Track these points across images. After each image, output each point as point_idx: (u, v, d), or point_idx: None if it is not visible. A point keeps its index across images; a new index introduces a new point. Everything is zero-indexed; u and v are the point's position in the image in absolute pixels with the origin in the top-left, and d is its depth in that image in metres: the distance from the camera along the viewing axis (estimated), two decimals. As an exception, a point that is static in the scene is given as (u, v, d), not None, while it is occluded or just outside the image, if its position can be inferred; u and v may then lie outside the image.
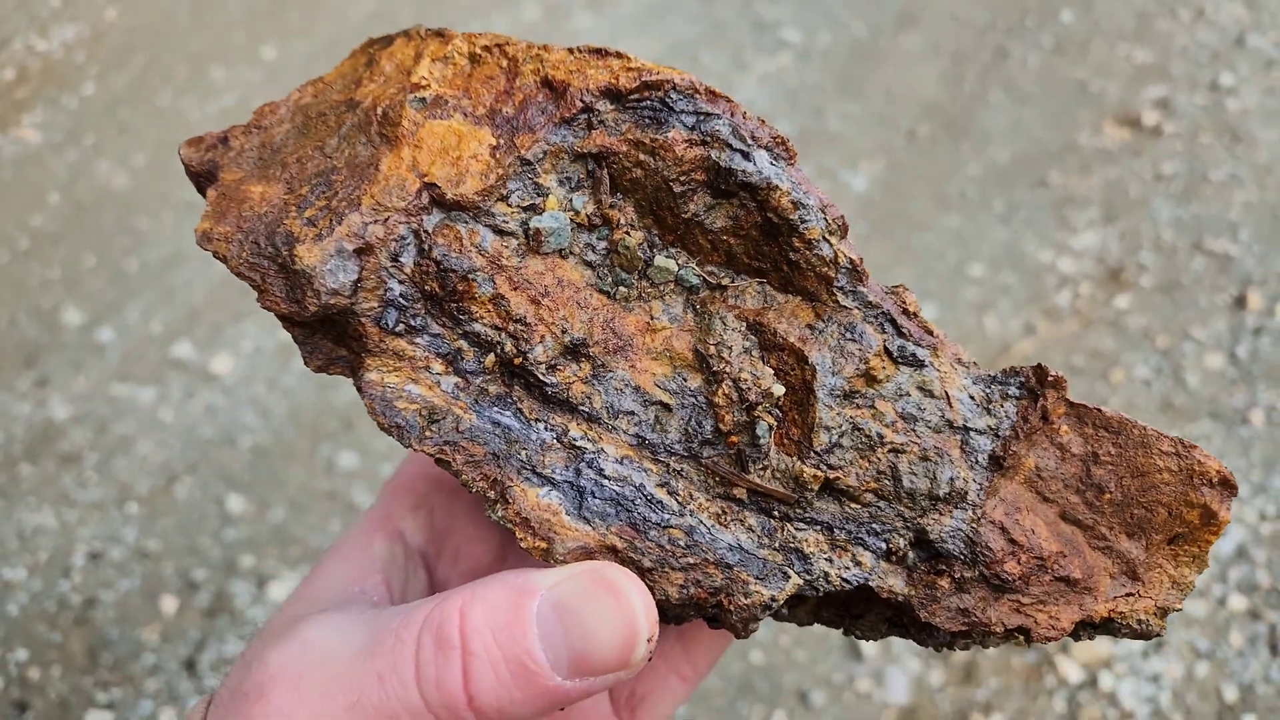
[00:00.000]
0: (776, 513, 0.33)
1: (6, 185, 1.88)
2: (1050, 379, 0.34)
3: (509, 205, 0.32)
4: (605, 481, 0.32)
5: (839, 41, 2.14)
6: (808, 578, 0.32)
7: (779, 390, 0.33)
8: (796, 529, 0.33)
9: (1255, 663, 1.20)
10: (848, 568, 0.33)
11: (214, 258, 0.31)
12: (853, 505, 0.33)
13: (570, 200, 0.33)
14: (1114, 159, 1.83)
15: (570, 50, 0.33)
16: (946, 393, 0.34)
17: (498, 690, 0.29)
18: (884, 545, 0.33)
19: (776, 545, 0.33)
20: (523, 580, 0.30)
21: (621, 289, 0.34)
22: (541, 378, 0.32)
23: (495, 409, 0.32)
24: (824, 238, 0.33)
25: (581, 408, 0.32)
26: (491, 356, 0.32)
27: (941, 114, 1.98)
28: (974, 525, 0.33)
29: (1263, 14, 2.03)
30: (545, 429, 0.32)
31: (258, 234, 0.31)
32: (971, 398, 0.34)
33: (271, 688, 0.31)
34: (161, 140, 1.95)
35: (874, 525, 0.33)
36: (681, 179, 0.33)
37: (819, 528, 0.33)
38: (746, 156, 0.33)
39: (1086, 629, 0.36)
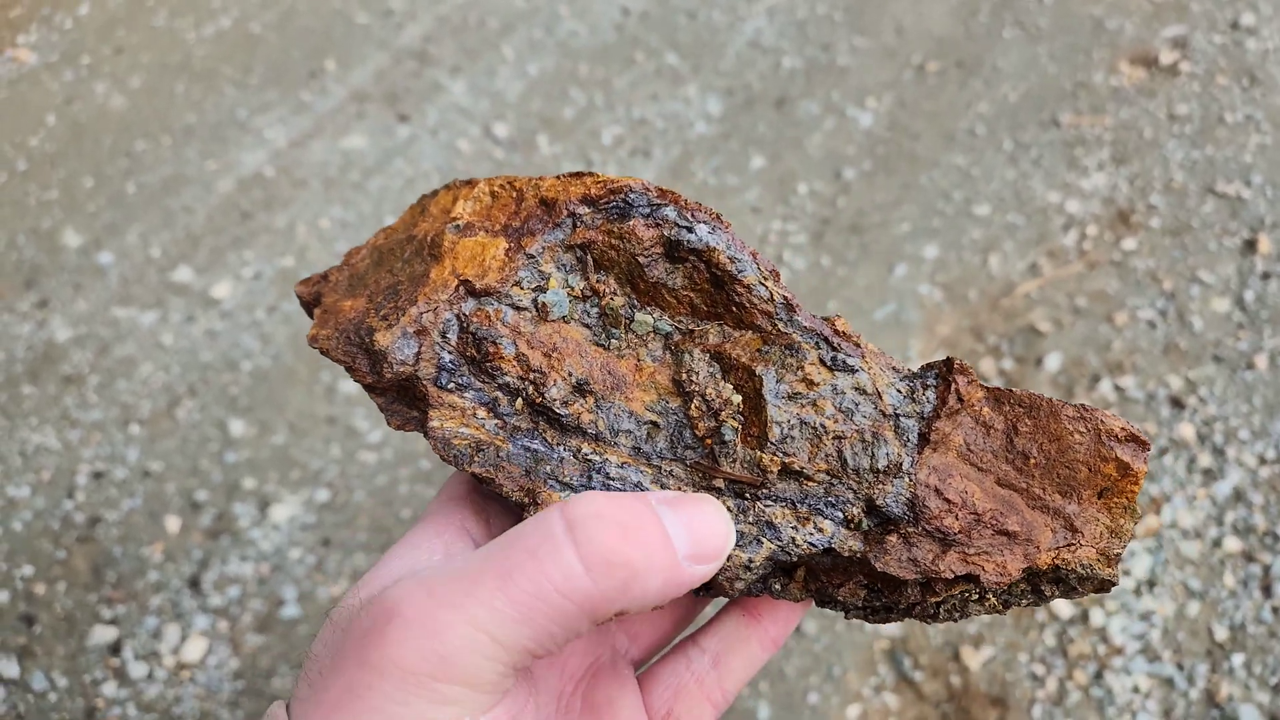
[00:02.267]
0: (748, 495, 0.42)
1: (3, 106, 1.85)
2: (957, 366, 0.43)
3: (522, 288, 0.43)
4: (611, 483, 0.41)
5: (852, -26, 2.08)
6: (778, 543, 0.41)
7: (737, 399, 0.42)
8: (765, 506, 0.41)
9: (1248, 603, 1.21)
10: (811, 534, 0.41)
11: (320, 352, 0.44)
12: (809, 484, 0.42)
13: (567, 279, 0.44)
14: (1128, 99, 1.80)
15: (558, 177, 0.45)
16: (877, 389, 0.42)
17: (644, 557, 0.32)
18: (840, 514, 0.42)
19: (751, 520, 0.41)
20: (628, 494, 0.35)
21: (613, 341, 0.44)
22: (557, 412, 0.42)
23: (526, 439, 0.42)
24: (760, 283, 0.43)
25: (589, 431, 0.42)
26: (520, 400, 0.42)
27: (952, 50, 1.94)
28: (911, 490, 0.42)
29: (1289, -48, 1.97)
30: (564, 449, 0.42)
31: (349, 331, 0.43)
32: (898, 391, 0.43)
33: (399, 607, 0.31)
34: (158, 62, 1.92)
35: (829, 499, 0.42)
36: (645, 253, 0.43)
37: (784, 504, 0.42)
38: (690, 230, 0.43)
39: (1043, 582, 0.43)
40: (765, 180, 1.74)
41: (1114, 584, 0.42)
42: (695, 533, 0.34)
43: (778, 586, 0.45)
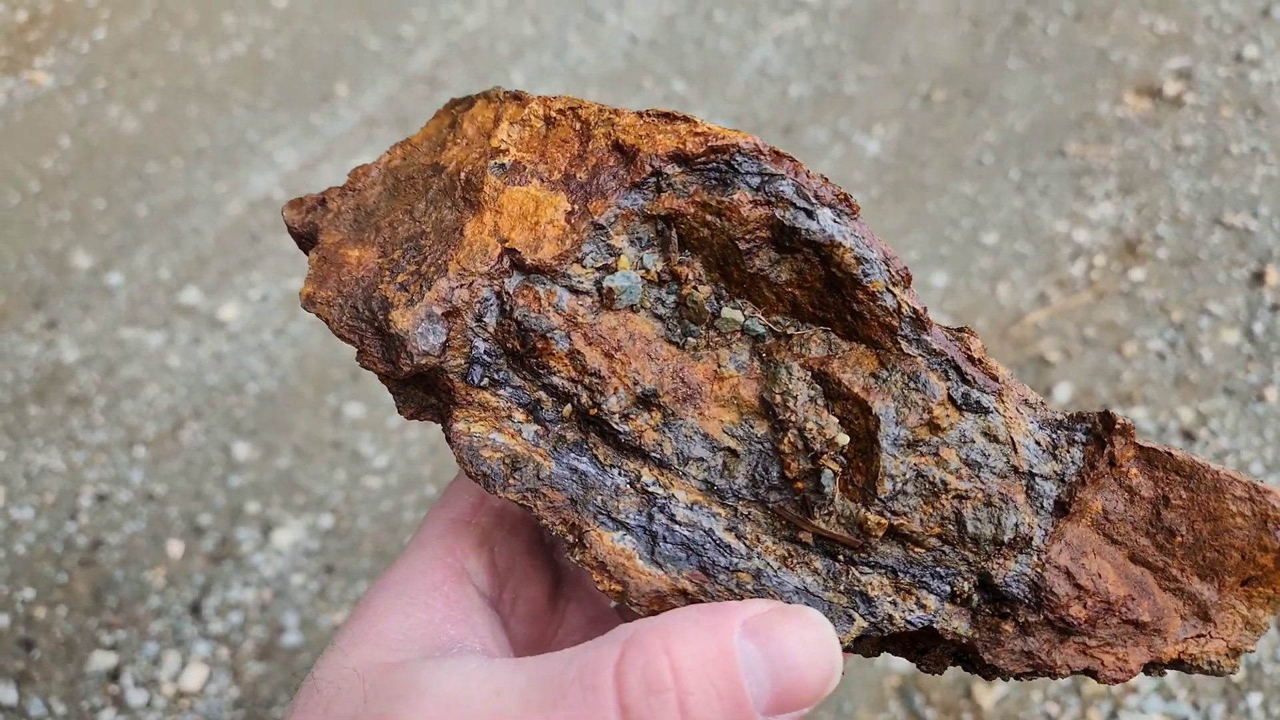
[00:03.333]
0: (841, 556, 0.34)
1: (18, 127, 1.86)
2: (1118, 426, 0.35)
3: (584, 267, 0.34)
4: (676, 526, 0.33)
5: (857, 2, 2.10)
6: (872, 620, 0.34)
7: (844, 440, 0.34)
8: (861, 573, 0.34)
9: (1263, 642, 1.19)
10: (912, 610, 0.34)
11: (318, 318, 0.34)
12: (917, 550, 0.34)
13: (641, 259, 0.35)
14: (1133, 129, 1.81)
15: (640, 114, 0.35)
16: (1012, 438, 0.35)
17: None
18: (948, 588, 0.34)
19: (842, 588, 0.34)
20: (712, 613, 0.29)
21: (690, 339, 0.35)
22: (615, 427, 0.34)
23: (573, 455, 0.34)
24: (887, 289, 0.34)
25: (653, 454, 0.34)
26: (569, 407, 0.34)
27: (959, 79, 1.95)
28: (1039, 570, 0.34)
29: (1293, -14, 1.99)
30: (619, 474, 0.34)
31: (355, 299, 0.34)
32: (1037, 443, 0.35)
33: None
34: (171, 85, 1.93)
35: (938, 569, 0.34)
36: (747, 237, 0.34)
37: (883, 571, 0.34)
38: (810, 215, 0.34)
39: (1155, 668, 0.36)
40: (773, 207, 1.74)
41: (1230, 674, 0.36)
42: (783, 676, 0.28)
43: (850, 645, 0.36)
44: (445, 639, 0.33)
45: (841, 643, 0.32)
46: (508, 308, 0.33)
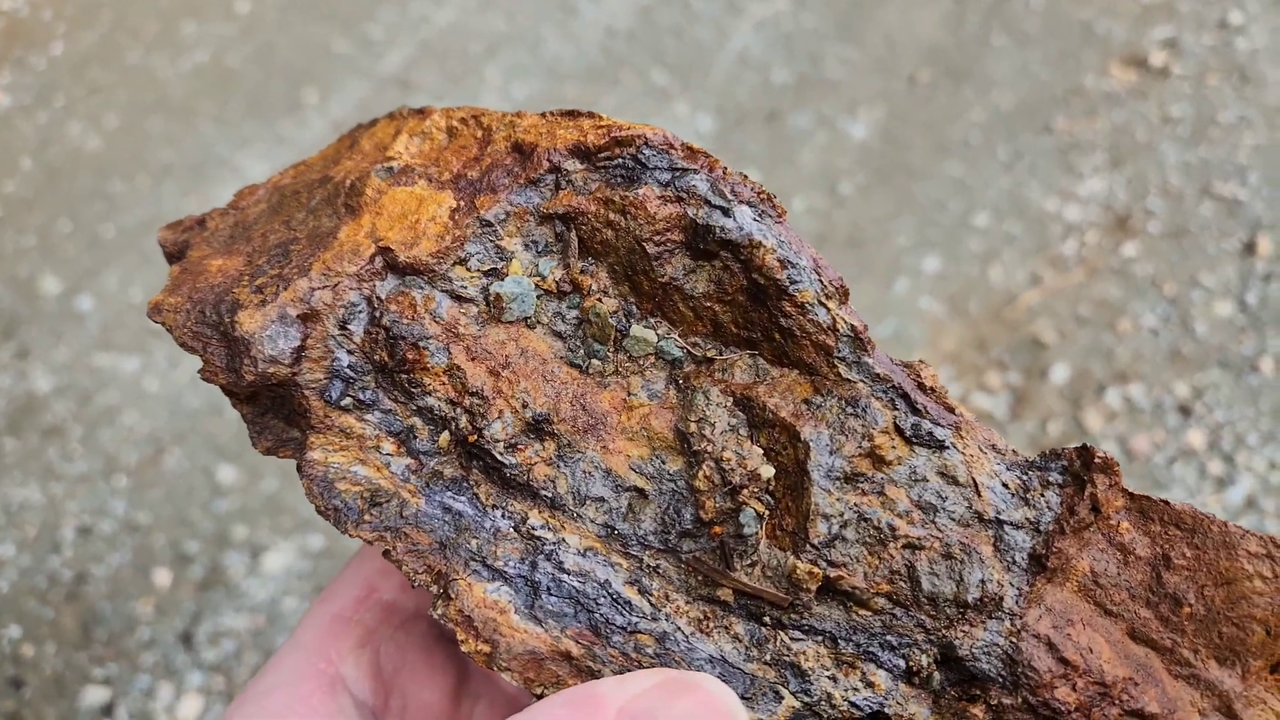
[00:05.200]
0: (768, 619, 0.29)
1: (-25, 150, 1.81)
2: (1098, 461, 0.30)
3: (468, 270, 0.30)
4: (564, 576, 0.28)
5: (835, -15, 2.07)
6: (806, 699, 0.28)
7: (768, 472, 0.29)
8: (792, 639, 0.29)
9: None
10: (856, 689, 0.28)
11: (164, 329, 0.29)
12: (862, 612, 0.29)
13: (536, 265, 0.31)
14: (1120, 102, 1.78)
15: (543, 114, 0.31)
16: (973, 479, 0.29)
17: None
18: (902, 663, 0.29)
19: (768, 658, 0.28)
20: (578, 704, 0.24)
21: (595, 362, 0.31)
22: (499, 457, 0.29)
23: (449, 493, 0.29)
24: (819, 301, 0.30)
25: (544, 492, 0.29)
26: (446, 435, 0.29)
27: (943, 58, 1.92)
28: (1013, 639, 0.28)
29: (1273, -52, 1.97)
30: (502, 516, 0.29)
31: (205, 304, 0.30)
32: (1005, 485, 0.30)
33: None
34: (133, 100, 1.88)
35: (889, 637, 0.29)
36: (656, 239, 0.30)
37: (820, 638, 0.29)
38: (726, 213, 0.30)
39: None
40: (757, 198, 1.72)
41: None
42: None
43: None
44: None
45: None
46: (378, 314, 0.29)
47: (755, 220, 0.30)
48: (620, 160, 0.30)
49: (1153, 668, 0.29)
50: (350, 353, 0.29)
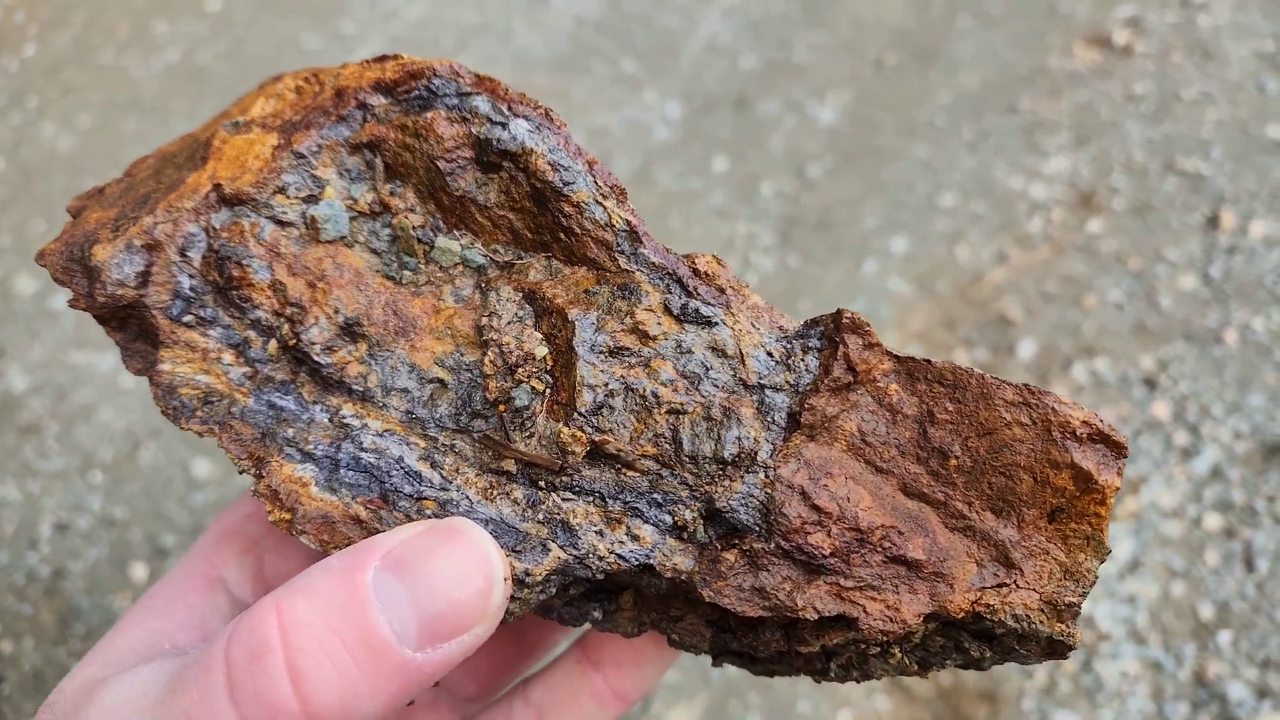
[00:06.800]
0: (543, 483, 0.31)
1: (-53, 153, 1.81)
2: (846, 321, 0.32)
3: (287, 197, 0.34)
4: (362, 454, 0.32)
5: (803, -29, 2.08)
6: (574, 552, 0.31)
7: (542, 351, 0.32)
8: (564, 499, 0.31)
9: (1230, 580, 1.20)
10: (622, 542, 0.31)
11: (47, 271, 0.34)
12: (630, 473, 0.31)
13: (349, 190, 0.35)
14: (1084, 81, 1.80)
15: (362, 62, 0.35)
16: (741, 350, 0.32)
17: (339, 684, 0.25)
18: (669, 519, 0.31)
19: (540, 517, 0.31)
20: (350, 554, 0.26)
21: (407, 273, 0.34)
22: (316, 358, 0.33)
23: (277, 394, 0.33)
24: (595, 201, 0.33)
25: (355, 387, 0.33)
26: (274, 343, 0.33)
27: (909, 41, 1.93)
28: (767, 490, 0.30)
29: (1234, -74, 1.98)
30: (321, 410, 0.33)
31: (75, 245, 0.34)
32: (769, 354, 0.33)
33: None
34: (106, 100, 1.89)
35: (655, 495, 0.31)
36: (447, 157, 0.34)
37: (591, 498, 0.31)
38: (504, 126, 0.33)
39: (966, 637, 0.31)
40: (729, 182, 1.73)
41: (1069, 646, 0.30)
42: (429, 603, 0.26)
43: (598, 614, 0.34)
44: (167, 648, 0.32)
45: (532, 575, 0.29)
46: (213, 241, 0.33)
47: (531, 132, 0.33)
48: (416, 91, 0.34)
49: (926, 520, 0.30)
50: (191, 276, 0.33)
